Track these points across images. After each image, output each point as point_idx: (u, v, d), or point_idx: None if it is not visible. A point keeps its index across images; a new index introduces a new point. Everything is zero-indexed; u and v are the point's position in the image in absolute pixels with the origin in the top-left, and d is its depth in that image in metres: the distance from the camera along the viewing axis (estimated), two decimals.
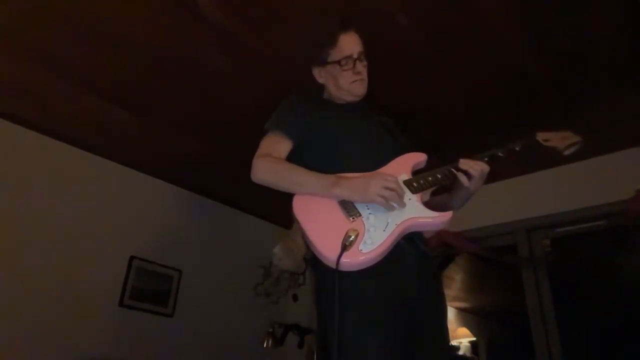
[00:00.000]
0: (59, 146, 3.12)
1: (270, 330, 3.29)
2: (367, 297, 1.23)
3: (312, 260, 1.33)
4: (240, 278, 3.59)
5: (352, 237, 1.20)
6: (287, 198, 1.38)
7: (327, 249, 1.22)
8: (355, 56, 1.54)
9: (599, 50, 2.20)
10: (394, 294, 1.25)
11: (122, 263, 3.22)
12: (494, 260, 3.34)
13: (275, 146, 1.47)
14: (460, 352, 5.57)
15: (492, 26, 2.10)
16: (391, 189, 1.26)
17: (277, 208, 1.42)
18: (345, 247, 1.19)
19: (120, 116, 2.86)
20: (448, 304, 5.84)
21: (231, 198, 3.92)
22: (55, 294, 2.85)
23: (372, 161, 1.41)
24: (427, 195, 1.44)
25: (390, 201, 1.26)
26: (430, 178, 1.37)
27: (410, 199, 1.33)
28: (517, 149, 1.48)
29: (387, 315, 1.22)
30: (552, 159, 3.07)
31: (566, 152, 1.50)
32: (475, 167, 1.38)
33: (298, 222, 1.32)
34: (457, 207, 1.50)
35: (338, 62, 1.54)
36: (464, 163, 1.39)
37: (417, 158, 1.46)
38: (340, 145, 1.46)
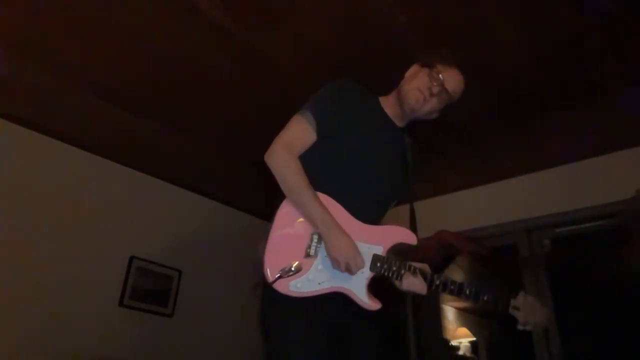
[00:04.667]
0: (59, 146, 3.12)
1: None
2: (298, 310, 1.30)
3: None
4: (240, 278, 3.59)
5: (293, 271, 1.30)
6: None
7: (269, 266, 1.31)
8: (445, 85, 1.51)
9: (599, 50, 2.20)
10: (325, 310, 1.32)
11: (122, 263, 3.22)
12: (494, 260, 3.33)
13: (300, 137, 1.45)
14: (460, 352, 5.57)
15: (491, 26, 2.10)
16: (348, 270, 1.31)
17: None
18: (280, 277, 1.29)
19: (120, 116, 2.86)
20: (448, 304, 5.86)
21: (231, 198, 3.92)
22: (55, 293, 2.85)
23: (368, 200, 1.44)
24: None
25: (338, 269, 1.32)
26: (394, 268, 1.38)
27: (362, 273, 1.35)
28: (485, 298, 1.40)
29: (315, 327, 1.30)
30: (552, 158, 3.07)
31: (519, 327, 1.42)
32: (413, 288, 1.39)
33: (271, 222, 1.38)
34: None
35: (431, 68, 1.53)
36: (409, 284, 1.38)
37: (406, 239, 1.43)
38: (350, 165, 1.45)
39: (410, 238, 1.43)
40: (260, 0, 2.04)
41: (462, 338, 5.68)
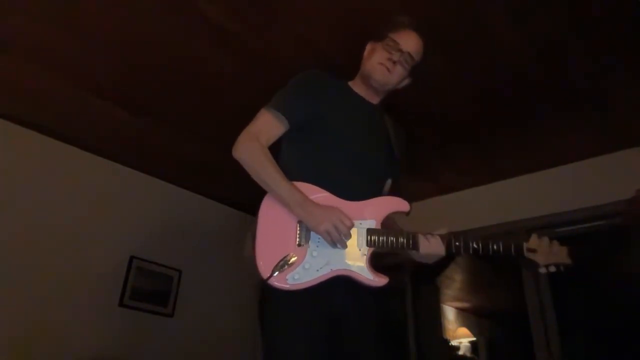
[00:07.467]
0: (59, 146, 3.13)
1: None
2: (296, 306, 1.27)
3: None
4: (240, 278, 3.59)
5: (288, 263, 1.25)
6: None
7: (263, 263, 1.27)
8: (403, 49, 1.51)
9: (599, 50, 2.20)
10: (323, 306, 1.28)
11: (122, 263, 3.22)
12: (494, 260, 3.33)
13: (267, 128, 1.44)
14: (460, 352, 5.57)
15: (492, 25, 2.10)
16: (339, 231, 1.26)
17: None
18: (275, 272, 1.24)
19: (120, 116, 2.86)
20: (448, 304, 5.87)
21: (231, 198, 3.92)
22: (55, 293, 2.85)
23: (355, 181, 1.40)
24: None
25: (333, 241, 1.27)
26: (392, 239, 1.32)
27: (360, 250, 1.30)
28: (495, 247, 1.33)
29: (313, 323, 1.26)
30: (552, 158, 3.07)
31: (541, 270, 1.34)
32: (431, 252, 1.34)
33: (255, 217, 1.34)
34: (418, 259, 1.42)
35: (386, 39, 1.52)
36: (424, 245, 1.33)
37: (399, 207, 1.38)
38: (331, 152, 1.43)
39: (402, 205, 1.38)
40: (260, 0, 2.04)
41: (462, 338, 5.69)
